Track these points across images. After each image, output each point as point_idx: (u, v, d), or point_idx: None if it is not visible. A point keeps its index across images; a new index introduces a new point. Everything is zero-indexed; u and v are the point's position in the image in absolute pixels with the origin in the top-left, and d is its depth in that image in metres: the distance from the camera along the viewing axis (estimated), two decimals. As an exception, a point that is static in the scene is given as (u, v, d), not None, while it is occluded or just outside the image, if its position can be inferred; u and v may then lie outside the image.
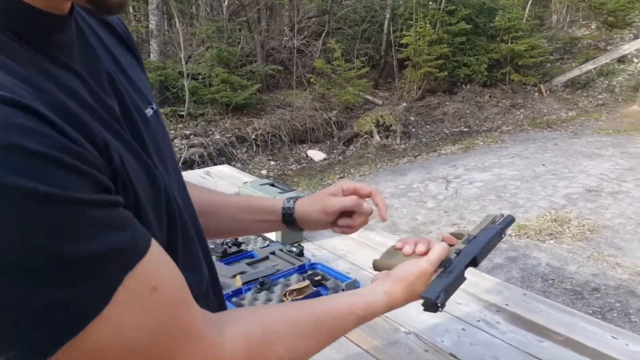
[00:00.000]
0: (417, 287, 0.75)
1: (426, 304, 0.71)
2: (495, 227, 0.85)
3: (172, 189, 0.58)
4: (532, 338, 1.26)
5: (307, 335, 0.63)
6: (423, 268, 0.75)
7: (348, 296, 0.73)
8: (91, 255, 0.38)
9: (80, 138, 0.39)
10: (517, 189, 5.03)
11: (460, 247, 0.81)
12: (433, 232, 4.09)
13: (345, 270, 1.61)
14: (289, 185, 5.23)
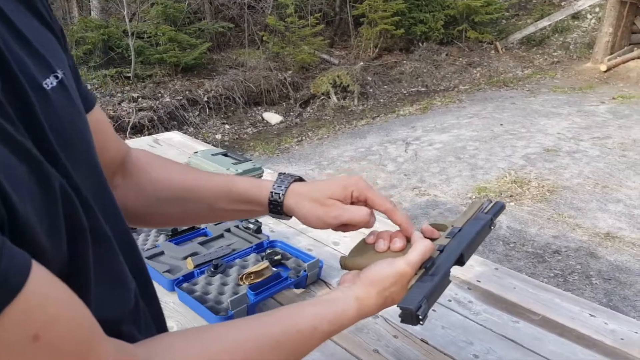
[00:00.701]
0: (393, 292, 0.63)
1: (405, 316, 0.59)
2: (483, 217, 0.73)
3: (77, 184, 0.42)
4: (507, 319, 1.18)
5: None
6: (400, 270, 0.62)
7: (312, 307, 0.60)
8: None
9: None
10: (476, 150, 5.02)
11: (443, 243, 0.68)
12: (394, 197, 4.03)
13: (307, 247, 1.48)
14: (244, 154, 5.02)
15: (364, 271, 0.65)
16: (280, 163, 4.92)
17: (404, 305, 0.58)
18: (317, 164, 4.88)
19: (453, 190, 4.14)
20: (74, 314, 0.36)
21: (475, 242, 0.69)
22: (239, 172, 1.54)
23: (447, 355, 1.06)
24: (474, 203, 0.78)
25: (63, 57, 0.49)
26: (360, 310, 0.61)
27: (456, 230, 0.71)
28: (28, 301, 0.32)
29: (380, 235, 0.70)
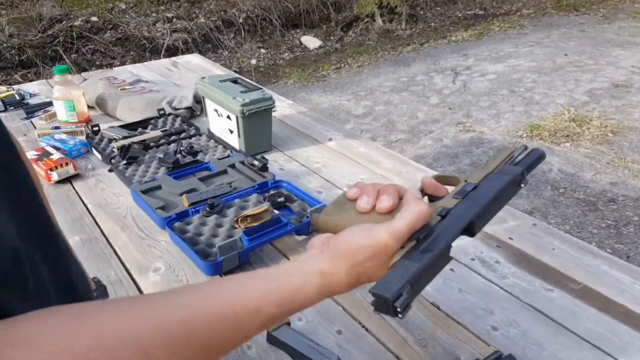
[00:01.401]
0: (370, 268, 0.47)
1: (378, 305, 0.43)
2: (511, 170, 0.53)
3: None
4: (539, 286, 1.00)
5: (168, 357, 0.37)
6: (380, 242, 0.46)
7: (259, 280, 0.45)
8: None
9: None
10: (533, 82, 4.58)
11: (448, 205, 0.51)
12: (434, 132, 3.77)
13: (317, 188, 1.33)
14: (277, 82, 4.78)
15: (336, 237, 0.49)
16: (314, 92, 4.68)
17: (378, 292, 0.42)
18: (354, 93, 4.62)
19: (502, 127, 3.81)
20: None
21: (493, 205, 0.51)
22: (246, 101, 1.37)
23: (459, 324, 0.91)
24: (502, 150, 0.58)
25: None
26: (323, 288, 0.46)
27: (469, 187, 0.53)
28: None
29: (364, 190, 0.53)
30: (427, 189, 0.55)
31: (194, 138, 1.52)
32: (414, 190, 0.52)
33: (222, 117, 1.48)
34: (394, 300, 0.41)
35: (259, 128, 1.45)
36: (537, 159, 0.56)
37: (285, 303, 0.43)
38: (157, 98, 1.68)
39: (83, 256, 1.05)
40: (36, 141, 1.51)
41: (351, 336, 0.89)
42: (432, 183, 0.55)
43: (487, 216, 0.50)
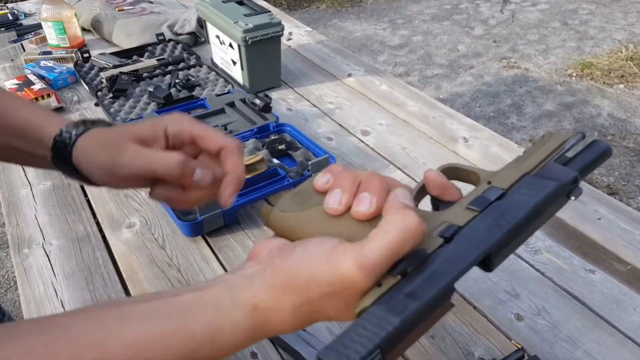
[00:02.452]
0: (328, 309, 0.32)
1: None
2: (558, 173, 0.36)
3: None
4: (578, 265, 0.83)
5: None
6: (346, 276, 0.30)
7: (146, 322, 0.30)
8: None
9: None
10: (590, 14, 4.11)
11: (457, 220, 0.34)
12: (475, 68, 3.45)
13: (327, 134, 1.16)
14: (308, 7, 4.44)
15: (286, 254, 0.33)
16: (348, 18, 4.34)
17: (329, 353, 0.27)
18: (390, 22, 4.26)
19: (550, 64, 3.47)
20: None
21: (527, 228, 0.34)
22: (249, 26, 1.18)
23: (477, 310, 0.76)
24: (548, 137, 0.40)
25: None
26: (256, 330, 0.32)
27: (493, 194, 0.35)
28: None
29: (339, 180, 0.36)
30: (432, 188, 0.37)
31: (193, 69, 1.35)
32: (401, 192, 0.34)
33: (224, 45, 1.30)
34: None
35: (265, 59, 1.27)
36: (599, 156, 0.38)
37: (190, 356, 0.29)
38: (157, 21, 1.50)
39: (51, 205, 0.94)
40: (22, 68, 1.37)
41: (345, 317, 0.76)
42: (440, 181, 0.36)
43: (514, 244, 0.33)
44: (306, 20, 3.99)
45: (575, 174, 0.35)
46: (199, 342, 0.29)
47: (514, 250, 0.34)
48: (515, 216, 0.32)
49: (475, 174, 0.38)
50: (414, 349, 0.70)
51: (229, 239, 0.87)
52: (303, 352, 0.68)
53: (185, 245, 0.86)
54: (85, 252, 0.84)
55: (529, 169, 0.36)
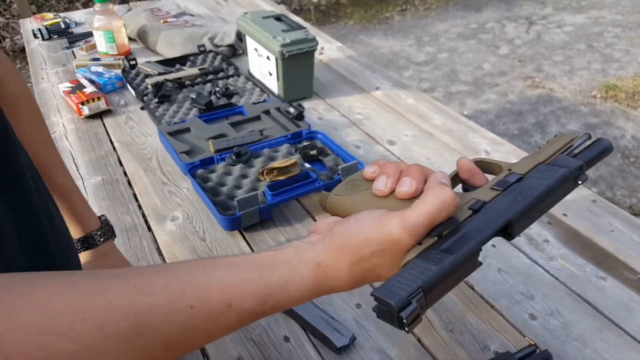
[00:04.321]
0: (378, 265, 0.39)
1: (381, 311, 0.35)
2: (567, 162, 0.43)
3: None
4: (590, 272, 0.88)
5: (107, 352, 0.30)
6: (392, 235, 0.37)
7: (232, 269, 0.37)
8: None
9: None
10: (615, 37, 4.13)
11: (484, 197, 0.41)
12: (500, 86, 3.49)
13: (356, 142, 1.23)
14: (337, 22, 4.54)
15: (342, 224, 0.41)
16: (375, 35, 4.44)
17: (381, 297, 0.34)
18: (417, 39, 4.34)
19: (575, 85, 3.49)
20: None
21: (540, 203, 0.40)
22: (286, 41, 1.27)
23: (494, 308, 0.82)
24: (559, 137, 0.47)
25: None
26: (318, 285, 0.39)
27: (513, 178, 0.42)
28: None
29: (384, 169, 0.44)
30: (463, 172, 0.45)
31: (231, 79, 1.44)
32: (439, 174, 0.42)
33: (262, 58, 1.39)
34: (399, 309, 0.33)
35: (299, 72, 1.35)
36: (602, 151, 0.44)
37: (266, 300, 0.36)
38: (199, 33, 1.60)
39: (101, 197, 1.03)
40: (74, 72, 1.48)
41: (371, 312, 0.82)
42: (469, 166, 0.44)
43: (531, 216, 0.40)
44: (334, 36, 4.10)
45: (581, 162, 0.42)
46: (273, 290, 0.36)
47: (530, 223, 0.41)
48: (531, 194, 0.39)
49: (498, 165, 0.45)
50: (436, 342, 0.76)
51: (264, 234, 0.94)
52: (332, 337, 0.74)
53: (223, 238, 0.93)
54: (133, 242, 0.92)
55: (543, 159, 0.43)
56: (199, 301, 0.34)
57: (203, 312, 0.34)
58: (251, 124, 1.24)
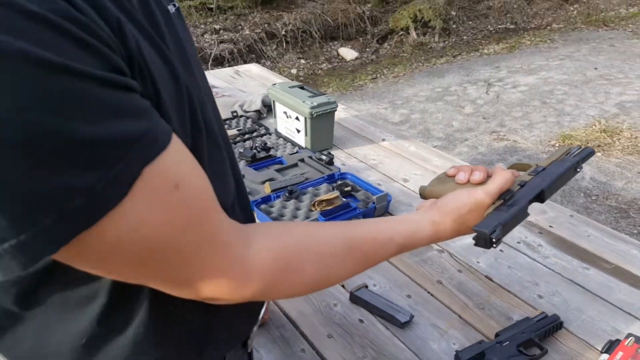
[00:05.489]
0: (469, 219, 0.64)
1: (478, 238, 0.61)
2: (569, 159, 0.71)
3: (199, 92, 0.49)
4: (576, 265, 1.16)
5: (339, 257, 0.55)
6: (478, 199, 0.63)
7: (390, 222, 0.63)
8: (101, 139, 0.33)
9: (88, 8, 0.34)
10: (565, 94, 4.68)
11: (525, 179, 0.68)
12: (469, 140, 3.91)
13: (376, 181, 1.51)
14: (319, 89, 5.02)
15: (442, 199, 0.67)
16: (353, 100, 4.87)
17: (479, 228, 0.60)
18: (390, 102, 4.79)
19: (535, 136, 3.93)
20: (203, 181, 0.43)
21: (558, 181, 0.68)
22: (314, 104, 1.57)
23: (510, 292, 1.07)
24: (560, 148, 0.76)
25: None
26: (434, 233, 0.64)
27: (540, 169, 0.70)
28: (172, 157, 0.38)
29: (461, 168, 0.71)
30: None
31: (265, 136, 1.72)
32: (501, 164, 0.70)
33: (290, 119, 1.68)
34: (490, 233, 0.59)
35: (323, 128, 1.65)
36: (588, 154, 0.74)
37: (408, 239, 0.61)
38: (230, 102, 1.90)
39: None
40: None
41: (419, 299, 1.06)
42: (511, 170, 0.72)
43: (553, 188, 0.68)
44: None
45: (578, 159, 0.70)
46: (410, 234, 0.62)
47: (551, 194, 0.68)
48: (552, 176, 0.67)
49: (529, 164, 0.73)
50: (473, 316, 1.01)
51: (323, 251, 1.19)
52: (397, 316, 0.98)
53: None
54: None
55: (554, 159, 0.72)
56: (378, 234, 0.59)
57: (379, 241, 0.59)
58: (291, 170, 1.51)
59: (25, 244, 0.32)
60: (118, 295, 0.46)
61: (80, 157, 0.32)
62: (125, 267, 0.39)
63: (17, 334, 0.47)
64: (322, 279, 0.53)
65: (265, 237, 0.49)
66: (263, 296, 0.48)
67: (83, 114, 0.32)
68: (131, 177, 0.35)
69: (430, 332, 0.97)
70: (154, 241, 0.39)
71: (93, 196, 0.34)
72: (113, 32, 0.36)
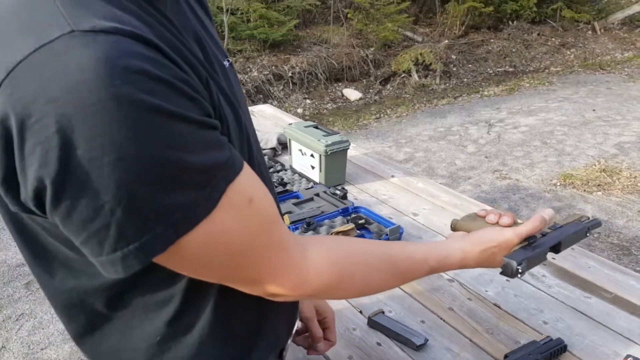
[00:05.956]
0: (495, 253, 0.73)
1: (506, 268, 0.70)
2: (582, 224, 0.82)
3: (251, 129, 0.62)
4: (579, 294, 1.24)
5: (382, 270, 0.64)
6: (507, 238, 0.73)
7: (424, 246, 0.73)
8: (201, 166, 0.44)
9: (189, 70, 0.45)
10: (564, 135, 4.82)
11: (546, 231, 0.78)
12: (473, 178, 4.01)
13: (388, 215, 1.60)
14: (332, 129, 5.18)
15: (473, 232, 0.76)
16: (357, 139, 5.02)
17: (509, 259, 0.69)
18: (394, 141, 4.94)
19: (536, 175, 4.04)
20: (268, 195, 0.53)
21: (572, 237, 0.79)
22: (329, 142, 1.68)
23: (517, 319, 1.15)
24: (574, 214, 0.87)
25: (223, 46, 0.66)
26: (462, 260, 0.72)
27: (558, 225, 0.81)
28: (246, 178, 0.49)
29: (491, 211, 0.81)
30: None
31: (281, 172, 1.83)
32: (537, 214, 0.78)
33: (305, 156, 1.79)
34: (518, 265, 0.68)
35: (336, 164, 1.75)
36: (597, 223, 0.84)
37: (440, 262, 0.70)
38: (247, 139, 2.01)
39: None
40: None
41: (433, 325, 1.13)
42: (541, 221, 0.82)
43: (567, 242, 0.77)
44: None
45: (589, 225, 0.81)
46: (441, 258, 0.70)
47: (567, 247, 0.77)
48: (568, 233, 0.77)
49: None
50: (484, 341, 1.08)
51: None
52: (413, 339, 1.05)
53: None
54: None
55: (570, 221, 0.82)
56: (414, 255, 0.68)
57: (415, 261, 0.68)
58: (308, 204, 1.60)
59: (145, 245, 0.42)
60: (188, 300, 0.55)
61: (187, 180, 0.43)
62: (209, 268, 0.49)
63: (104, 332, 0.56)
64: (367, 288, 0.63)
65: (320, 247, 0.59)
66: (317, 295, 0.58)
67: (189, 149, 0.43)
68: (219, 194, 0.45)
69: (444, 355, 1.04)
70: (234, 244, 0.48)
71: (192, 209, 0.44)
72: (204, 87, 0.48)
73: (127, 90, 0.38)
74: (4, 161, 0.40)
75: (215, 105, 0.49)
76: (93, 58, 0.38)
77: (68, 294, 0.55)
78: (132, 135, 0.39)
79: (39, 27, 0.40)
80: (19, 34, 0.40)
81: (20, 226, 0.52)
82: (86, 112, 0.38)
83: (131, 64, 0.39)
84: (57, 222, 0.43)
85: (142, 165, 0.40)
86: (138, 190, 0.40)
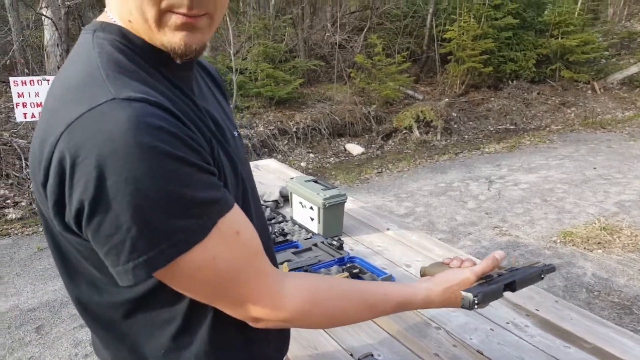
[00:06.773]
0: (456, 291, 0.82)
1: (464, 300, 0.79)
2: (537, 267, 0.92)
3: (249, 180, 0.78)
4: (559, 343, 1.30)
5: (352, 303, 0.74)
6: (466, 277, 0.83)
7: (390, 285, 0.82)
8: (199, 199, 0.57)
9: (196, 131, 0.61)
10: (565, 193, 4.91)
11: (502, 272, 0.88)
12: (473, 234, 4.08)
13: (382, 265, 1.68)
14: (327, 181, 5.31)
15: (438, 275, 0.85)
16: (359, 193, 5.14)
17: (465, 293, 0.78)
18: (395, 195, 5.05)
19: (537, 232, 4.10)
20: (253, 232, 0.66)
21: (527, 278, 0.87)
22: (327, 196, 1.79)
23: (499, 366, 1.21)
24: (530, 261, 0.97)
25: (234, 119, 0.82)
26: (426, 298, 0.81)
27: (514, 268, 0.91)
28: (235, 214, 0.62)
29: (454, 258, 0.92)
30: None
31: (282, 223, 1.93)
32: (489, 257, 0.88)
33: (305, 208, 1.90)
34: (474, 297, 0.77)
35: (334, 217, 1.86)
36: (552, 268, 0.93)
37: (404, 300, 0.79)
38: (251, 192, 2.13)
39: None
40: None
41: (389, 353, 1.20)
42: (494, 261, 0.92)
43: (522, 282, 0.86)
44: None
45: (542, 269, 0.90)
46: (407, 297, 0.79)
47: (521, 287, 0.86)
48: (523, 274, 0.86)
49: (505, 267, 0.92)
50: (463, 384, 1.14)
51: (332, 325, 1.34)
52: None
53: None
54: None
55: (527, 265, 0.92)
56: (380, 290, 0.77)
57: (380, 296, 0.77)
58: (306, 253, 1.69)
59: (152, 259, 0.55)
60: (188, 321, 0.67)
61: (188, 209, 0.56)
62: (201, 287, 0.61)
63: (119, 341, 0.69)
64: (339, 318, 0.73)
65: (297, 279, 0.70)
66: (292, 323, 0.68)
67: (193, 185, 0.57)
68: (211, 224, 0.58)
69: (427, 398, 1.10)
70: (222, 270, 0.60)
71: (189, 233, 0.56)
72: (207, 144, 0.64)
73: (147, 139, 0.52)
74: (57, 190, 0.54)
75: (215, 158, 0.64)
76: (126, 116, 0.53)
77: (95, 306, 0.67)
78: (148, 172, 0.53)
79: (92, 96, 0.55)
80: (79, 100, 0.55)
81: (59, 249, 0.65)
82: (117, 153, 0.52)
83: (152, 121, 0.54)
84: (89, 236, 0.56)
85: (154, 194, 0.53)
86: (149, 214, 0.53)
